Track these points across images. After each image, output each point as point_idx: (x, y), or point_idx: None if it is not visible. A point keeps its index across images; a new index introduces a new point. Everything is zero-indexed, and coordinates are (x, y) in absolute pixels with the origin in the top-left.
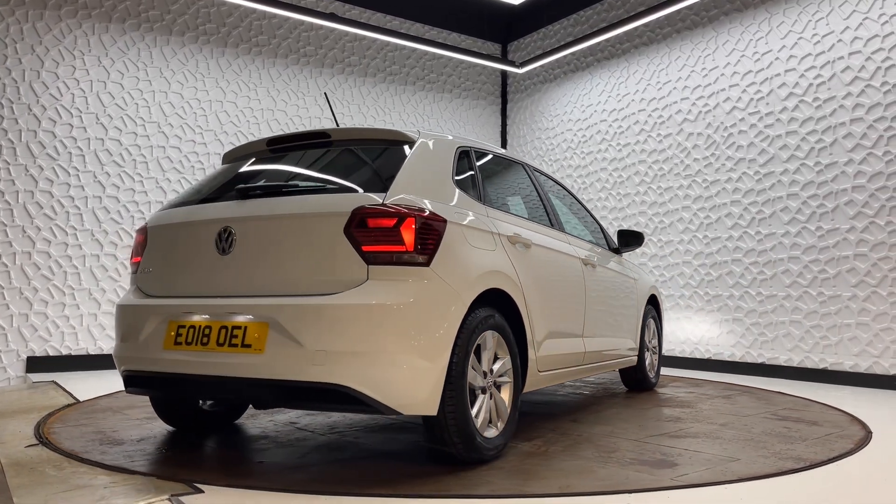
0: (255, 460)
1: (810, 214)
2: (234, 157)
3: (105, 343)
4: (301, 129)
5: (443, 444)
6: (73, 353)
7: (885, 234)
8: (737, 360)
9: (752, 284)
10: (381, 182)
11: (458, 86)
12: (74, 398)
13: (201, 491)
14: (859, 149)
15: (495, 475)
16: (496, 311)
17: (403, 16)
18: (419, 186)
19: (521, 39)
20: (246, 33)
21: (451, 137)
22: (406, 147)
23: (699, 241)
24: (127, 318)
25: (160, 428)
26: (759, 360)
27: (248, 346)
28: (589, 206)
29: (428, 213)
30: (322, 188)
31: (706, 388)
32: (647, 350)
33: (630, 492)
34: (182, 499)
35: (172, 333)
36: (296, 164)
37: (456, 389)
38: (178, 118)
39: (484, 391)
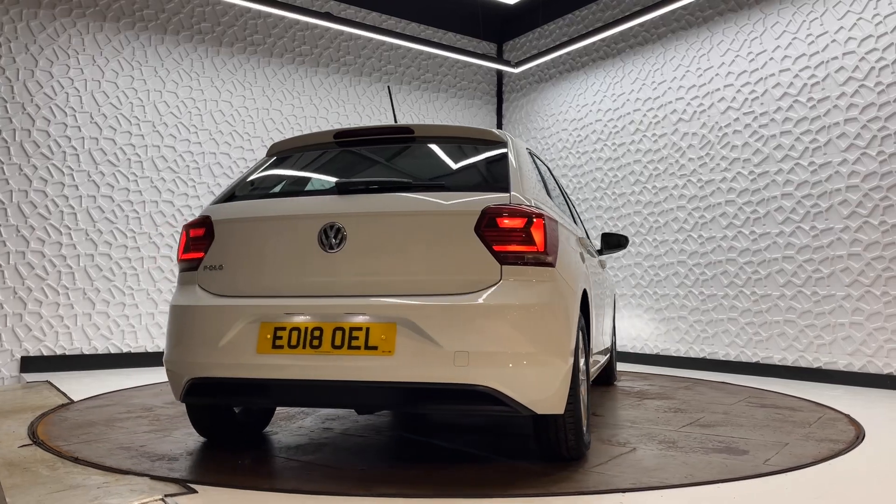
0: (357, 467)
1: (804, 214)
2: (289, 148)
3: (99, 343)
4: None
5: (556, 441)
6: (67, 353)
7: (879, 234)
8: (731, 359)
9: (746, 284)
10: (496, 182)
11: (453, 85)
12: (68, 398)
13: (195, 491)
14: (853, 149)
15: (613, 469)
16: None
17: (399, 15)
18: (525, 187)
19: (517, 39)
20: (241, 32)
21: (516, 138)
22: (499, 147)
23: (694, 240)
24: (197, 320)
25: (163, 428)
26: (754, 360)
27: (374, 347)
28: (584, 206)
29: (548, 213)
30: (439, 185)
31: (660, 381)
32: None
33: (744, 478)
34: (176, 499)
35: (269, 336)
36: (386, 159)
37: (574, 388)
38: (172, 117)
39: None
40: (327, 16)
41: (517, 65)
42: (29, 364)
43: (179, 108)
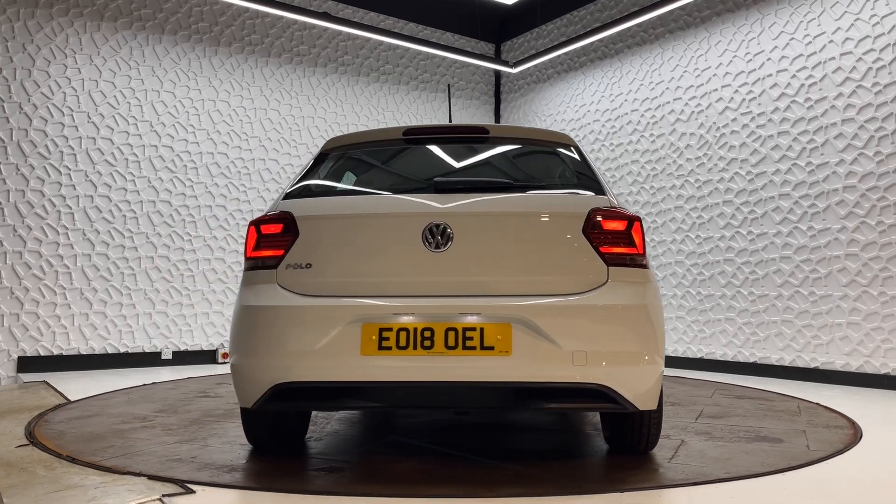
0: (420, 469)
1: (802, 214)
2: (351, 144)
3: (96, 343)
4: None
5: (639, 436)
6: (64, 353)
7: (876, 234)
8: (728, 359)
9: (744, 284)
10: (588, 184)
11: (451, 85)
12: (66, 398)
13: (192, 491)
14: (850, 149)
15: (692, 461)
16: None
17: (397, 15)
18: (610, 189)
19: (515, 39)
20: (238, 32)
21: None
22: (571, 149)
23: (691, 240)
24: (288, 321)
25: (191, 438)
26: (751, 360)
27: (490, 347)
28: None
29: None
30: (537, 186)
31: None
32: None
33: (811, 464)
34: (173, 499)
35: (374, 338)
36: (468, 158)
37: (661, 384)
38: (170, 117)
39: None
40: (325, 16)
41: (515, 65)
42: (26, 364)
43: (177, 108)
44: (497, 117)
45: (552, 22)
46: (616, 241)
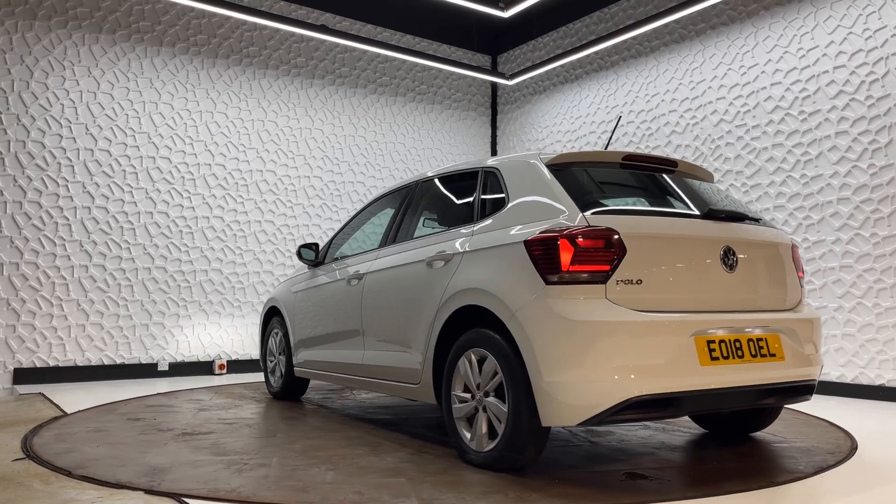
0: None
1: (796, 226)
2: (580, 161)
3: (93, 354)
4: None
5: (769, 418)
6: (60, 365)
7: (870, 246)
8: None
9: None
10: (759, 215)
11: (448, 97)
12: (62, 410)
13: None
14: (844, 161)
15: (803, 439)
16: None
17: (394, 27)
18: None
19: (511, 51)
20: (236, 44)
21: None
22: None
23: None
24: (636, 336)
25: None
26: None
27: (773, 354)
28: None
29: None
30: (756, 218)
31: None
32: None
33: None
34: None
35: (706, 349)
36: (668, 187)
37: None
38: (167, 128)
39: None
40: (323, 28)
41: (511, 77)
42: (22, 376)
43: (174, 120)
44: (494, 129)
45: (548, 34)
46: (799, 266)
